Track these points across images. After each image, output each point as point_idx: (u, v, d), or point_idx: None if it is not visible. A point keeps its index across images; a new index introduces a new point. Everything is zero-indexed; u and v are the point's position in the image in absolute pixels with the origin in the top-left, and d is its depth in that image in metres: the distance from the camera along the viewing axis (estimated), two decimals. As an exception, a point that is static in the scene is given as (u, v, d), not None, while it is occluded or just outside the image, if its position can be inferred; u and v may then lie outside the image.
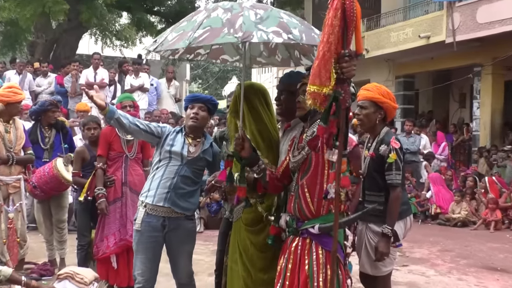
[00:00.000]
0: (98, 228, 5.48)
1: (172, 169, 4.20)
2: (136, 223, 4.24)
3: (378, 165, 4.02)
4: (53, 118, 6.75)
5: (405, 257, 7.96)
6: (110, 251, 5.40)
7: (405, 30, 14.88)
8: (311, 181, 3.41)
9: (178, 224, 4.24)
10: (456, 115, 17.47)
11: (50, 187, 6.16)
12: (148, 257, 4.22)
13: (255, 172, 3.60)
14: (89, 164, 5.73)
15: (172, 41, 3.49)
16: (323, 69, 2.87)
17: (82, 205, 5.67)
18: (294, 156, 3.51)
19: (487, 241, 9.40)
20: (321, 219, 3.39)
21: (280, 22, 3.41)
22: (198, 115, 4.25)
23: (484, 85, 14.11)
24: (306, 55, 4.12)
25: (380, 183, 4.04)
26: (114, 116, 4.03)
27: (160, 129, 4.30)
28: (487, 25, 12.62)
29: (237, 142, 3.56)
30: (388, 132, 4.16)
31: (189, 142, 4.27)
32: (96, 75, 12.49)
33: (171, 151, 4.21)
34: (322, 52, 2.87)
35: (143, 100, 12.68)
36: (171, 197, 4.17)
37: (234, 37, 3.24)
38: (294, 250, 3.47)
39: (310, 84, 2.91)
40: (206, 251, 7.92)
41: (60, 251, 6.54)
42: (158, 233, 4.21)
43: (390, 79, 16.47)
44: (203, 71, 45.41)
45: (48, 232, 6.59)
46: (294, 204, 3.49)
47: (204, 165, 4.36)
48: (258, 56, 4.31)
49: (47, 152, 6.72)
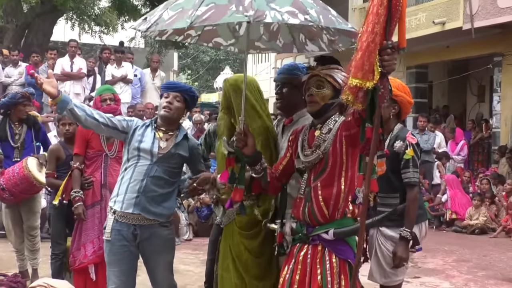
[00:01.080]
0: (75, 235, 5.48)
1: (141, 170, 4.15)
2: (105, 232, 4.20)
3: (393, 163, 4.02)
4: (24, 112, 6.68)
5: (417, 267, 7.99)
6: (88, 261, 5.40)
7: (418, 15, 14.90)
8: (327, 182, 3.41)
9: (152, 233, 4.20)
10: (474, 110, 17.50)
11: (21, 190, 6.14)
12: (122, 270, 4.19)
13: (257, 172, 3.56)
14: (64, 164, 5.73)
15: (170, 20, 3.36)
16: (366, 62, 2.89)
17: (57, 210, 5.66)
18: (306, 155, 3.50)
19: (508, 250, 9.44)
20: (336, 224, 3.40)
21: (295, 1, 3.31)
22: (172, 104, 4.21)
23: (505, 77, 14.13)
24: (313, 39, 4.02)
25: (395, 183, 4.08)
26: (67, 107, 3.91)
27: (126, 122, 4.22)
28: (509, 10, 12.64)
29: (239, 138, 3.48)
30: (402, 128, 4.23)
31: (160, 136, 4.22)
32: (73, 64, 12.46)
33: (140, 148, 4.15)
34: (366, 43, 2.89)
35: (126, 92, 12.67)
36: (141, 202, 4.12)
37: (244, 15, 3.12)
38: (302, 260, 3.46)
39: (353, 77, 2.91)
40: (195, 261, 7.93)
41: (32, 261, 6.54)
42: (130, 242, 4.18)
43: (401, 70, 16.48)
44: (193, 61, 45.34)
45: (19, 240, 6.58)
46: (304, 208, 3.47)
47: (179, 163, 4.30)
48: (257, 40, 4.20)
49: (17, 150, 6.64)
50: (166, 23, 3.37)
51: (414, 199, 4.00)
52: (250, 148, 3.48)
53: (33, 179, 6.05)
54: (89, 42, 23.19)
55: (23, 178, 6.06)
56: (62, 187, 5.54)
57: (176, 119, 4.30)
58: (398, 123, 4.24)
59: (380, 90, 2.93)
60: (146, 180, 4.13)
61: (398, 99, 4.19)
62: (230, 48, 4.29)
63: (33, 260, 6.54)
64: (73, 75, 12.32)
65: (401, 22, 2.94)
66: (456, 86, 17.50)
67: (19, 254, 6.64)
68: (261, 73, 32.27)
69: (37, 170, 6.11)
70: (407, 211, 3.97)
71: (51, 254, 5.79)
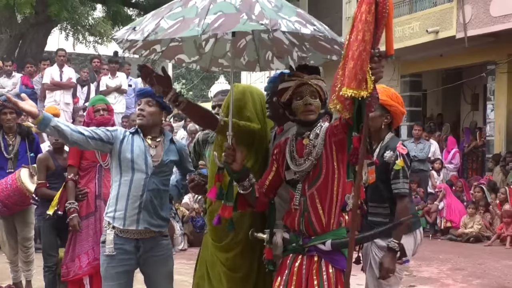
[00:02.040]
0: (69, 247, 5.46)
1: (138, 184, 4.09)
2: (106, 247, 4.11)
3: (382, 173, 4.01)
4: (8, 121, 6.54)
5: (412, 276, 7.98)
6: (82, 272, 5.38)
7: (411, 24, 14.96)
8: (323, 189, 3.39)
9: (154, 244, 4.19)
10: (468, 118, 17.55)
11: (14, 201, 6.12)
12: (120, 284, 4.15)
13: (245, 188, 3.45)
14: (54, 174, 5.71)
15: (172, 29, 3.18)
16: (360, 71, 2.87)
17: (47, 222, 5.65)
18: (299, 164, 3.46)
19: (503, 258, 9.45)
20: (332, 234, 3.39)
21: (298, 13, 3.30)
22: (144, 111, 4.17)
23: (499, 85, 14.19)
24: (281, 57, 3.93)
25: (385, 193, 4.06)
26: (50, 124, 3.78)
27: (110, 133, 4.14)
28: (502, 19, 12.70)
29: (228, 153, 3.39)
30: (393, 137, 4.20)
31: (149, 143, 4.19)
32: (62, 73, 12.41)
33: (133, 160, 4.10)
34: (358, 52, 2.87)
35: (120, 102, 12.68)
36: (144, 218, 4.09)
37: (259, 23, 3.06)
38: (297, 271, 3.43)
39: (347, 87, 2.89)
40: (190, 271, 7.80)
41: (26, 273, 6.52)
42: (131, 256, 4.15)
43: (395, 79, 16.52)
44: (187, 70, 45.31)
45: (13, 252, 6.56)
46: (301, 218, 3.44)
47: (171, 168, 4.30)
48: (221, 57, 4.09)
49: (11, 161, 6.60)
50: (168, 32, 3.22)
51: (404, 210, 3.95)
52: (238, 164, 3.39)
53: (26, 191, 6.03)
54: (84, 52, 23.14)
55: (16, 189, 6.04)
56: (56, 198, 5.52)
57: (153, 124, 4.24)
58: (390, 132, 4.23)
59: (368, 98, 2.92)
60: (145, 195, 4.09)
61: (391, 109, 4.18)
62: (192, 65, 4.15)
63: (27, 272, 6.52)
64: (63, 85, 12.29)
65: (388, 29, 2.92)
66: (450, 94, 17.55)
67: (13, 266, 6.62)
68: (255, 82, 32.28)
69: (30, 181, 6.09)
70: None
71: (44, 266, 5.76)
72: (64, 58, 12.62)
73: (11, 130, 6.60)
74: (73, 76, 12.55)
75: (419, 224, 4.32)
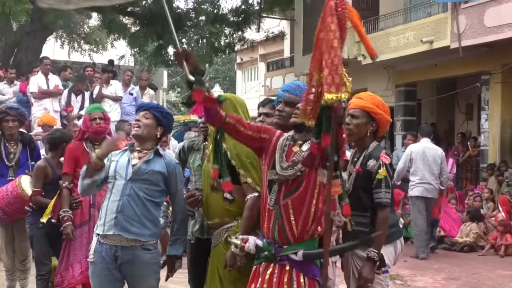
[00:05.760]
0: (63, 255, 5.45)
1: (117, 189, 4.19)
2: (90, 254, 4.24)
3: (364, 182, 4.01)
4: (10, 128, 6.50)
5: (406, 286, 7.99)
6: (76, 281, 5.38)
7: (406, 34, 15.01)
8: (299, 202, 3.41)
9: (133, 255, 4.15)
10: (463, 128, 17.62)
11: (14, 209, 6.07)
12: None
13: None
14: (50, 183, 5.70)
15: None
16: (336, 75, 2.92)
17: (40, 231, 5.64)
18: (283, 168, 3.49)
19: (497, 268, 9.45)
20: (304, 245, 3.41)
21: None
22: (140, 122, 4.26)
23: (493, 95, 14.25)
24: None
25: (366, 202, 4.01)
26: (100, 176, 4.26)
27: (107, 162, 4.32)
28: (496, 29, 12.77)
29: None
30: (377, 146, 4.16)
31: (134, 156, 4.27)
32: (48, 81, 12.32)
33: (116, 170, 4.23)
34: (330, 60, 2.93)
35: (115, 111, 12.60)
36: (119, 222, 4.11)
37: None
38: (269, 279, 3.46)
39: (326, 92, 2.93)
40: (184, 280, 7.79)
41: (22, 281, 6.48)
42: (112, 265, 4.15)
43: (390, 88, 16.58)
44: (182, 79, 45.36)
45: (10, 260, 6.51)
46: (274, 224, 3.47)
47: (159, 180, 4.24)
48: None
49: (12, 169, 6.53)
50: None
51: (384, 220, 3.92)
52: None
53: (27, 198, 6.00)
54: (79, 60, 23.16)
55: (17, 197, 6.00)
56: (51, 206, 5.51)
57: (147, 136, 4.29)
58: (375, 141, 4.21)
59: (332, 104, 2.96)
60: (122, 200, 4.13)
61: (377, 117, 4.14)
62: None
63: (23, 280, 6.48)
64: (52, 92, 12.21)
65: (360, 35, 3.00)
66: (444, 104, 17.62)
67: (9, 274, 6.58)
68: (250, 91, 32.36)
69: (31, 189, 6.07)
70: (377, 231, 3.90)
71: (37, 275, 5.75)
72: (49, 66, 12.55)
73: (12, 138, 6.56)
74: (59, 83, 12.50)
75: (400, 234, 4.30)
